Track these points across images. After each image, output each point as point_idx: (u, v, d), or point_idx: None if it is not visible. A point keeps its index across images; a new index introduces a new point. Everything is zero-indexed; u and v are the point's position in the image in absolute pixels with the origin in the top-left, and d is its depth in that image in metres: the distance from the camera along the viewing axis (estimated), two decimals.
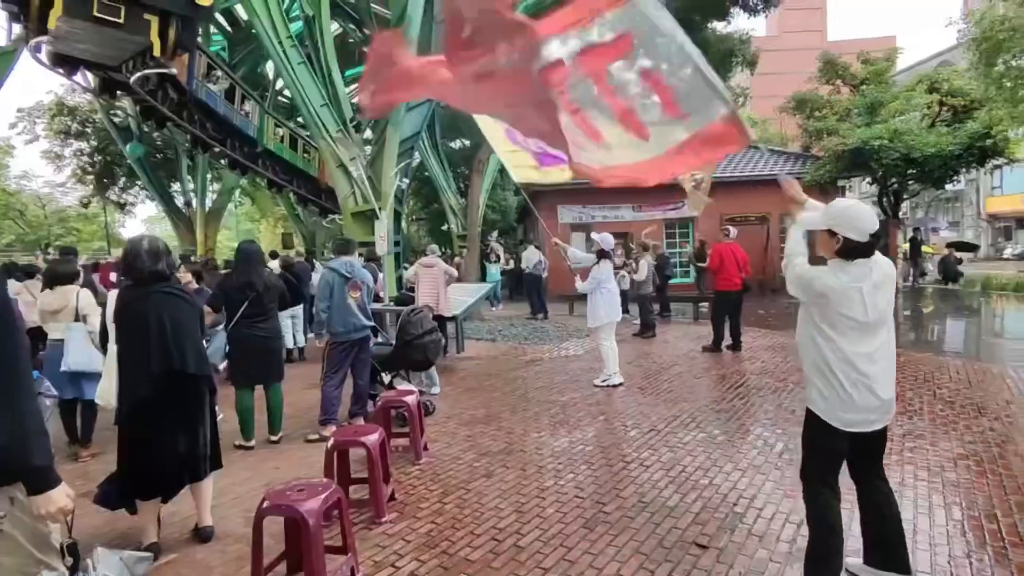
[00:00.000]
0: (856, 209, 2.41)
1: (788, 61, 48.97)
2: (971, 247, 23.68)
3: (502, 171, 22.28)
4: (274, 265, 8.89)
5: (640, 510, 3.46)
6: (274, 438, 4.99)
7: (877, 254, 2.46)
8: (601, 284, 6.51)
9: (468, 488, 3.88)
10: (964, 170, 16.21)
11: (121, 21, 7.94)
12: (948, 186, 19.04)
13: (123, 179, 26.11)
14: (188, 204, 24.04)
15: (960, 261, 18.97)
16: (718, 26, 15.59)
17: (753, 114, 28.77)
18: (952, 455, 4.15)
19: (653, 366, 7.56)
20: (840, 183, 17.49)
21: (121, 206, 28.20)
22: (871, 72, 17.16)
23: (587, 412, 5.59)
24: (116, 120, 21.60)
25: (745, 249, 8.77)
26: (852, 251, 2.40)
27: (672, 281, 13.11)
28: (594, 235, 6.69)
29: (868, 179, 17.78)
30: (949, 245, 20.63)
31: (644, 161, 2.80)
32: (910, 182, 16.31)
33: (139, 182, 25.08)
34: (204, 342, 3.30)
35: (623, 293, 9.49)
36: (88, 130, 23.92)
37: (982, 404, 5.35)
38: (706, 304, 11.44)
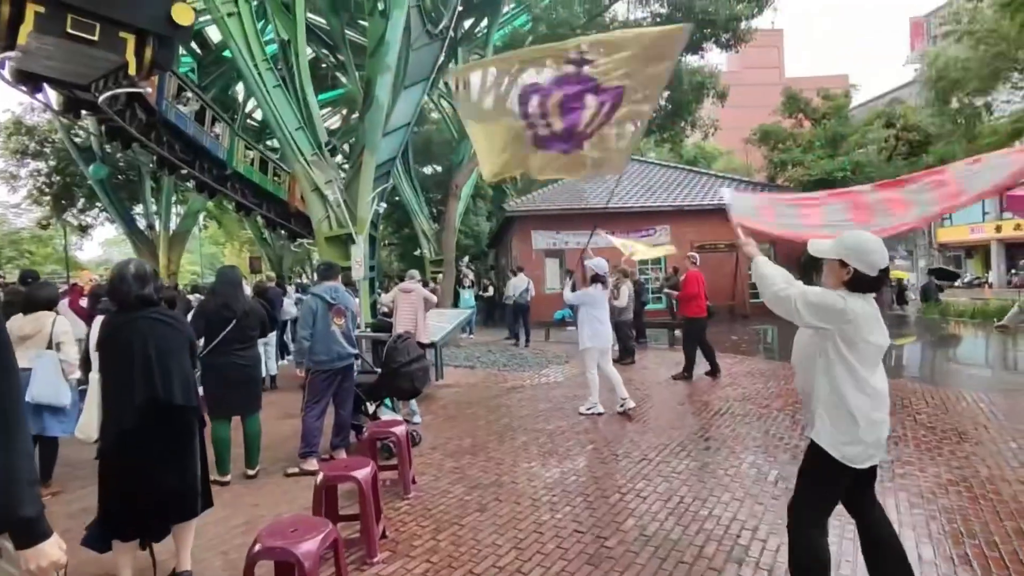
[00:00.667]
0: (872, 243, 2.35)
1: (749, 95, 50.92)
2: (952, 275, 24.48)
3: (475, 197, 22.34)
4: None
5: (643, 544, 3.36)
6: (251, 472, 4.72)
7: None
8: (588, 309, 6.48)
9: (462, 523, 3.72)
10: None
11: (95, 39, 7.69)
12: None
13: (82, 200, 25.27)
14: (151, 227, 23.36)
15: (941, 289, 19.64)
16: (691, 60, 16.23)
17: (719, 145, 29.66)
18: (942, 481, 4.19)
19: (636, 393, 7.50)
20: None
21: (81, 228, 27.22)
22: (831, 107, 17.91)
23: (576, 441, 5.49)
24: (77, 140, 20.96)
25: (715, 276, 8.98)
26: (860, 283, 2.35)
27: (646, 307, 13.20)
28: (587, 261, 6.66)
29: None
30: (931, 272, 21.40)
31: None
32: None
33: (99, 203, 24.30)
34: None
35: None
36: (47, 150, 23.15)
37: (961, 429, 5.45)
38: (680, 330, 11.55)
